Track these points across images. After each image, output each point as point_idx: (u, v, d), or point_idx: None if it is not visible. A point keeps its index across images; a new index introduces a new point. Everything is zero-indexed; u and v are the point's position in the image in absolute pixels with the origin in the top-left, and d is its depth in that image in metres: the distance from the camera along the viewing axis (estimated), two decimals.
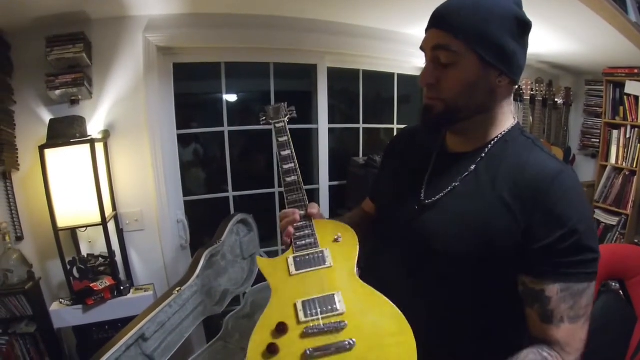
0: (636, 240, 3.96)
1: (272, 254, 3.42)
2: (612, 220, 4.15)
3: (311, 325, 1.01)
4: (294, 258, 1.21)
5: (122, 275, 2.68)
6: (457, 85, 1.04)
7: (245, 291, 2.92)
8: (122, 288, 2.57)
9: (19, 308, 2.44)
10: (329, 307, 1.05)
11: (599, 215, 4.21)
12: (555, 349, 0.99)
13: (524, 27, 1.04)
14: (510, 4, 1.03)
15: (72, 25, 2.44)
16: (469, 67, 1.02)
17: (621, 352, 1.92)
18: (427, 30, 1.09)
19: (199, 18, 2.70)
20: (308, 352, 0.95)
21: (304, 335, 1.00)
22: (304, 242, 1.25)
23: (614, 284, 2.18)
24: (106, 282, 2.47)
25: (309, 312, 1.05)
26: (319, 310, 1.05)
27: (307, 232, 1.27)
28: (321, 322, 1.02)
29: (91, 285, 2.43)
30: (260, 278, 3.03)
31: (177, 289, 2.31)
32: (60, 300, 2.50)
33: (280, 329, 1.01)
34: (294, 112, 1.63)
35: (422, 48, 1.10)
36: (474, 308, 1.10)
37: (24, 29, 2.41)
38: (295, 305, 1.06)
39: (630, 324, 1.98)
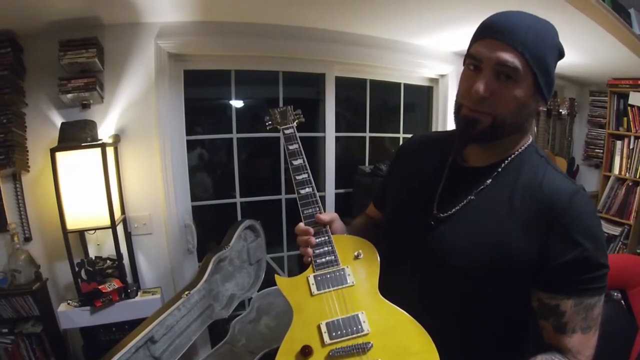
0: (638, 251, 3.96)
1: (278, 260, 3.45)
2: (615, 231, 4.16)
3: (337, 347, 0.99)
4: (315, 277, 1.16)
5: (129, 278, 2.68)
6: (512, 103, 1.02)
7: (251, 296, 2.94)
8: (129, 291, 2.58)
9: (26, 308, 2.46)
10: (354, 328, 1.04)
11: (602, 226, 4.18)
12: (568, 356, 1.02)
13: (561, 57, 1.06)
14: (555, 33, 1.04)
15: (85, 30, 2.46)
16: (525, 88, 1.01)
17: None
18: (486, 38, 1.04)
19: (211, 26, 2.72)
20: None
21: (330, 357, 0.98)
22: (324, 259, 1.20)
23: (615, 293, 2.20)
24: (114, 284, 2.49)
25: (333, 334, 1.02)
26: (344, 331, 1.03)
27: (326, 249, 1.22)
28: (347, 343, 1.00)
29: (99, 287, 2.44)
30: (266, 284, 3.06)
31: (186, 292, 2.33)
32: (68, 301, 2.51)
33: (305, 352, 0.98)
34: (302, 115, 1.57)
35: (474, 56, 1.05)
36: (488, 320, 1.12)
37: (37, 33, 2.43)
38: (319, 327, 1.04)
39: (632, 333, 1.99)
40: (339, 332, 1.03)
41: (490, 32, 1.03)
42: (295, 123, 1.53)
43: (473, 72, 1.06)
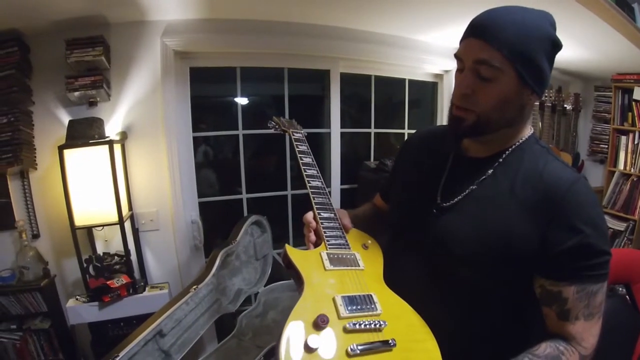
0: None
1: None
2: (620, 226, 4.16)
3: (353, 321, 0.99)
4: (327, 254, 1.17)
5: (136, 274, 2.71)
6: (493, 99, 1.04)
7: (257, 291, 2.96)
8: (137, 286, 2.61)
9: (34, 304, 2.48)
10: (369, 306, 1.04)
11: (607, 221, 4.15)
12: (572, 343, 1.04)
13: (556, 48, 1.06)
14: (547, 25, 1.04)
15: (92, 29, 2.47)
16: (507, 83, 1.03)
17: (627, 355, 1.95)
18: (466, 38, 1.07)
19: (216, 23, 2.74)
20: (351, 347, 0.93)
21: (347, 330, 0.97)
22: (336, 241, 1.23)
23: (620, 288, 2.21)
24: (122, 279, 2.51)
25: (350, 308, 1.02)
26: (359, 307, 1.03)
27: (338, 233, 1.26)
28: (363, 319, 1.00)
29: (108, 282, 2.46)
30: (272, 279, 3.08)
31: (194, 287, 2.35)
32: (77, 297, 2.53)
33: (322, 321, 0.96)
34: (303, 130, 1.67)
35: (457, 56, 1.10)
36: (492, 308, 1.13)
37: (44, 32, 2.45)
38: (334, 300, 1.03)
39: (636, 327, 2.00)
40: (356, 307, 1.03)
41: (471, 31, 1.06)
42: (303, 131, 1.65)
43: (459, 72, 1.10)
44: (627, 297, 2.12)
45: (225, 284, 2.66)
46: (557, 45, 1.06)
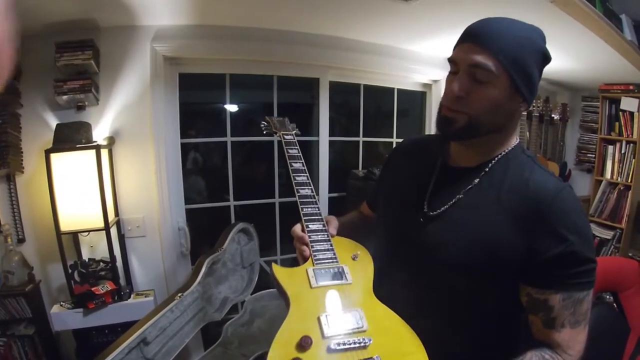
0: (630, 254, 4.00)
1: (271, 264, 3.43)
2: (607, 234, 4.20)
3: (338, 340, 0.99)
4: (314, 270, 1.17)
5: (122, 281, 2.68)
6: (486, 102, 1.06)
7: (244, 299, 2.94)
8: (122, 293, 2.58)
9: (18, 310, 2.45)
10: (354, 324, 1.04)
11: (594, 230, 4.24)
12: (557, 351, 1.05)
13: (546, 61, 1.09)
14: (538, 38, 1.07)
15: (82, 32, 2.47)
16: (500, 88, 1.04)
17: None
18: (462, 42, 1.09)
19: (206, 30, 2.73)
20: None
21: (330, 350, 0.97)
22: (323, 256, 1.22)
23: (608, 296, 2.22)
24: (107, 286, 2.48)
25: (334, 327, 1.02)
26: (344, 325, 1.03)
27: (325, 246, 1.25)
28: (348, 337, 1.00)
29: (93, 289, 2.44)
30: (259, 287, 3.07)
31: (179, 294, 2.33)
32: (61, 303, 2.50)
33: (305, 343, 0.96)
34: (296, 128, 1.65)
35: (452, 60, 1.11)
36: (479, 316, 1.14)
37: (34, 34, 2.43)
38: (319, 319, 1.03)
39: (624, 334, 2.01)
40: (340, 326, 1.03)
41: (467, 37, 1.08)
42: (294, 132, 1.62)
43: (452, 75, 1.11)
44: (614, 304, 2.14)
45: (211, 291, 2.64)
46: (547, 58, 1.08)
